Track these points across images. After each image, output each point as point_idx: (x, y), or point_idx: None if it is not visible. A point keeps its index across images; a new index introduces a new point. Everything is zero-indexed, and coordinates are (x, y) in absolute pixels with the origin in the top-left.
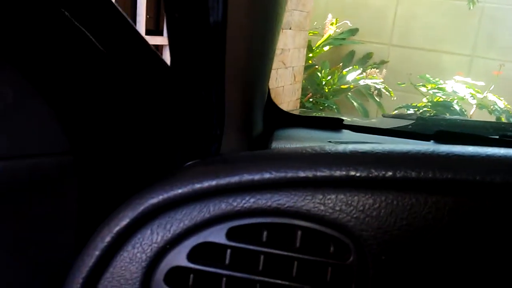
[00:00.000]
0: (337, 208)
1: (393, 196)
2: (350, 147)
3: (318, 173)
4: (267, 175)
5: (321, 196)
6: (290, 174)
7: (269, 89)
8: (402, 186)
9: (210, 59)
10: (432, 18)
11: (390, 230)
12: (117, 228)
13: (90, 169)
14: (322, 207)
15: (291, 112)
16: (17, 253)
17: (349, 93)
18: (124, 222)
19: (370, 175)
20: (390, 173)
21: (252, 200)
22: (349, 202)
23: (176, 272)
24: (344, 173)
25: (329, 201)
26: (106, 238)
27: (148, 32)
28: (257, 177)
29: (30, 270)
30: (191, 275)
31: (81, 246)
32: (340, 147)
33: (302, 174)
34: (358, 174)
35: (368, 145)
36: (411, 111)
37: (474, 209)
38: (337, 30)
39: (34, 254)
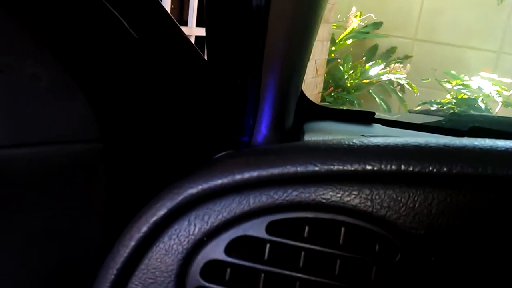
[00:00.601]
0: (385, 205)
1: (447, 193)
2: (402, 140)
3: (367, 167)
4: (311, 168)
5: (368, 191)
6: (336, 167)
7: None
8: (458, 182)
9: (249, 46)
10: (459, 13)
11: (442, 229)
12: (154, 218)
13: (121, 157)
14: (369, 203)
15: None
16: (45, 239)
17: (371, 88)
18: (162, 212)
19: (424, 170)
20: (445, 169)
21: (294, 193)
22: (399, 198)
23: (212, 266)
24: (395, 167)
25: (377, 197)
26: (143, 228)
27: None
28: (300, 169)
29: (57, 256)
30: (228, 269)
31: (108, 234)
32: (390, 140)
33: (349, 167)
34: (410, 169)
35: (421, 138)
36: (434, 107)
37: None
38: (361, 23)
39: (63, 239)
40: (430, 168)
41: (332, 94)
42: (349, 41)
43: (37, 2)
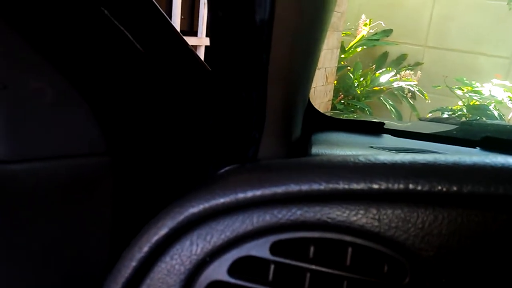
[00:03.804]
0: (393, 225)
1: (457, 212)
2: (409, 157)
3: (374, 186)
4: (316, 186)
5: (375, 211)
6: (342, 186)
7: None
8: (469, 202)
9: (253, 59)
10: (470, 19)
11: (453, 250)
12: (155, 238)
13: (127, 171)
14: (376, 223)
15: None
16: (52, 254)
17: (382, 95)
18: (163, 232)
19: (433, 189)
20: (455, 188)
21: (299, 212)
22: (407, 218)
23: (215, 287)
24: (402, 186)
25: (385, 217)
26: (144, 248)
27: (182, 33)
28: (305, 187)
29: (64, 271)
30: None
31: (115, 249)
32: (398, 157)
33: (355, 186)
34: (419, 188)
35: (429, 155)
36: (446, 114)
37: None
38: (371, 31)
39: (68, 255)
40: (440, 187)
41: (343, 101)
42: (359, 49)
43: (41, 16)
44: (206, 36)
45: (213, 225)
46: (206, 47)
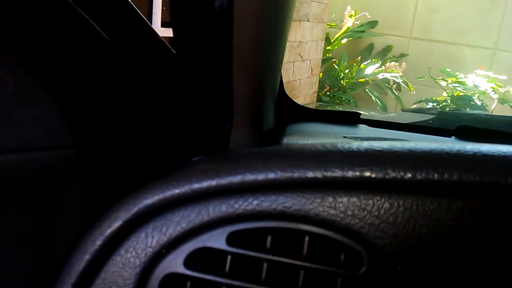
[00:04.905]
0: (349, 213)
1: (412, 200)
2: (365, 144)
3: (329, 174)
4: (272, 175)
5: (331, 199)
6: (297, 174)
7: (281, 81)
8: (423, 189)
9: (216, 48)
10: (454, 10)
11: (408, 238)
12: (109, 231)
13: (94, 163)
14: (332, 211)
15: (305, 105)
16: (20, 248)
17: (367, 87)
18: (117, 224)
19: (387, 176)
20: (409, 175)
21: (255, 202)
22: (363, 206)
23: (172, 279)
24: (357, 173)
25: (341, 205)
26: (97, 241)
27: (163, 24)
28: (261, 177)
29: (32, 265)
30: (188, 283)
31: None
32: (354, 144)
33: (310, 174)
34: (373, 175)
35: (385, 142)
36: (430, 105)
37: (505, 216)
38: (356, 22)
39: (37, 249)
40: (394, 174)
41: (328, 93)
42: (344, 41)
43: (1, 7)
44: None
45: (168, 216)
46: None
